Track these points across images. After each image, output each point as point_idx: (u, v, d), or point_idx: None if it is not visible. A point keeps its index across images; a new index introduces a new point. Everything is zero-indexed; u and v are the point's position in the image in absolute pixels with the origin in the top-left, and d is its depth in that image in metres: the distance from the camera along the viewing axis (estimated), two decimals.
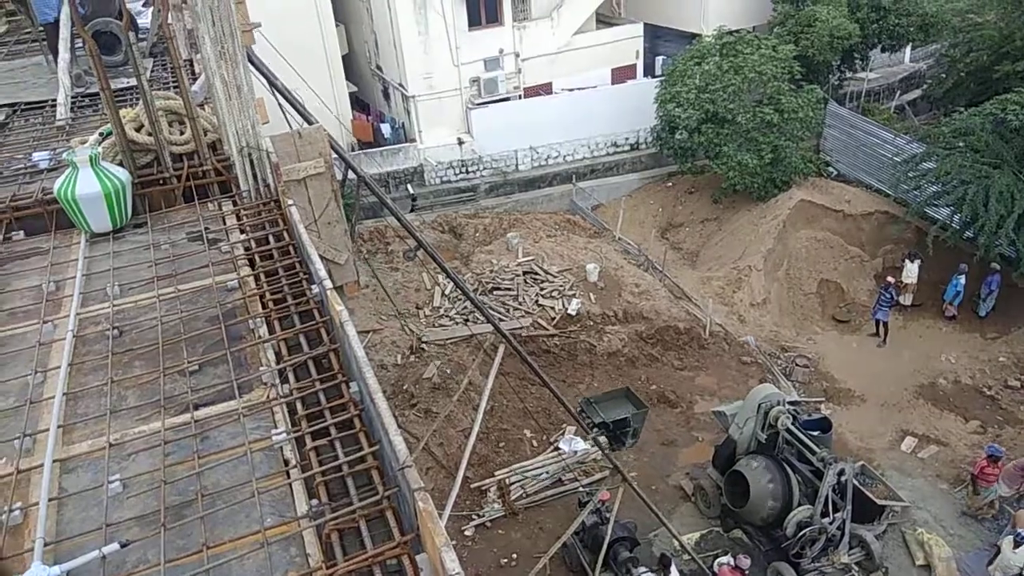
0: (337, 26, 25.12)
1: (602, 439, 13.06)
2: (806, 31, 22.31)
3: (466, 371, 15.74)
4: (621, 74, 26.47)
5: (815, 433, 12.01)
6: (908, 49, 27.49)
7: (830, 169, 22.71)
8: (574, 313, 17.53)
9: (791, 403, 12.41)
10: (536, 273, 18.79)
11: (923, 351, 17.56)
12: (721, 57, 21.54)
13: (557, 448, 14.57)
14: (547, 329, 17.25)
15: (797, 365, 16.85)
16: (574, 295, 17.95)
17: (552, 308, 17.70)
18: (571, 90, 25.45)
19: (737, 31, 22.67)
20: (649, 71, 27.10)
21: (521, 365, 14.42)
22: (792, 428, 11.78)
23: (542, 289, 18.26)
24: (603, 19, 27.40)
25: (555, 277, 18.58)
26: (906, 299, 18.82)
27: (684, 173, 23.62)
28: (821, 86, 22.67)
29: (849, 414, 15.79)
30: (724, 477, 12.56)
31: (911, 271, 18.64)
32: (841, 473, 11.16)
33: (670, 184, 24.73)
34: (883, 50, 25.35)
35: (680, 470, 14.29)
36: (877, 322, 18.20)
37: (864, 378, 16.82)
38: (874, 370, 17.06)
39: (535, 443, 14.88)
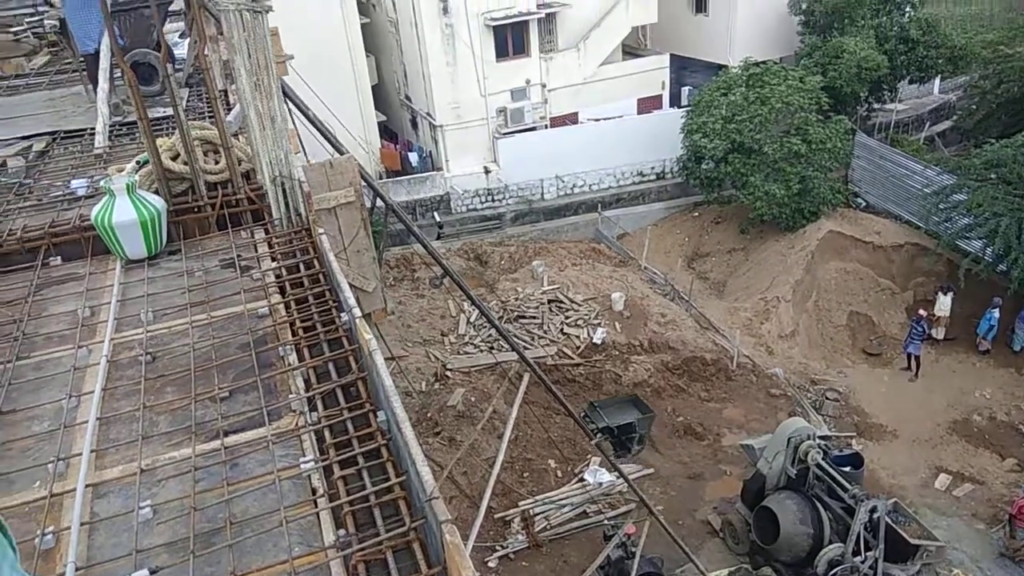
0: (367, 57, 25.58)
1: (607, 444, 12.77)
2: (833, 62, 22.30)
3: (491, 399, 15.68)
4: (647, 104, 26.60)
5: (846, 469, 11.77)
6: (937, 80, 27.35)
7: (859, 200, 22.53)
8: (599, 342, 17.44)
9: (821, 438, 12.19)
10: (561, 301, 18.77)
11: (956, 386, 17.19)
12: (747, 88, 21.57)
13: (582, 479, 14.40)
14: (572, 358, 17.17)
15: (827, 399, 16.57)
16: (599, 324, 17.88)
17: (577, 337, 17.64)
18: (597, 120, 25.61)
19: (763, 62, 22.71)
20: (675, 101, 27.21)
21: (546, 394, 14.34)
22: (823, 463, 11.55)
23: (567, 318, 18.22)
24: (629, 50, 27.63)
25: (580, 306, 18.53)
26: (938, 332, 18.49)
27: (710, 203, 23.57)
28: (849, 117, 22.60)
29: (881, 450, 15.46)
30: (753, 513, 12.32)
31: (944, 304, 18.33)
32: (873, 510, 10.90)
33: (696, 214, 24.67)
34: (911, 81, 25.26)
35: (708, 504, 14.04)
36: (909, 356, 17.87)
37: (896, 413, 16.49)
38: (906, 405, 16.72)
39: (560, 474, 14.73)
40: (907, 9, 24.32)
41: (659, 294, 20.00)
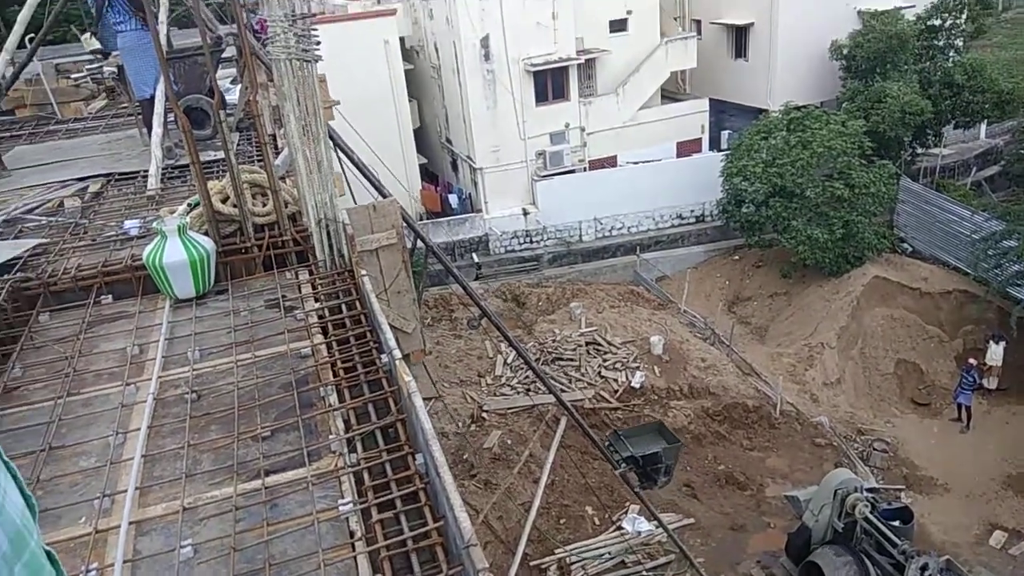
0: (410, 102, 26.16)
1: (632, 476, 12.37)
2: (876, 107, 22.14)
3: (527, 442, 15.54)
4: (686, 147, 26.66)
5: (895, 523, 11.35)
6: (983, 125, 26.93)
7: (905, 245, 22.13)
8: (638, 386, 17.24)
9: (869, 490, 11.81)
10: (599, 344, 18.64)
11: (1010, 438, 16.55)
12: (788, 132, 21.50)
13: (620, 528, 14.10)
14: (610, 402, 16.97)
15: (875, 449, 16.08)
16: (638, 367, 17.69)
17: (615, 380, 17.46)
18: (636, 163, 25.72)
19: (804, 106, 22.65)
20: (715, 145, 27.23)
21: (583, 438, 14.16)
22: (871, 517, 11.16)
23: (605, 360, 18.07)
24: (668, 95, 27.81)
25: (618, 349, 18.38)
26: (990, 382, 17.90)
27: (751, 246, 23.35)
28: (893, 162, 22.33)
29: (932, 504, 14.89)
30: (798, 568, 11.92)
31: (995, 353, 17.78)
32: (924, 568, 10.45)
33: (737, 257, 24.45)
34: (957, 126, 24.92)
35: (750, 557, 13.62)
36: (959, 406, 17.31)
37: (947, 466, 15.92)
38: (958, 457, 16.14)
39: (597, 521, 14.46)
40: (951, 54, 24.12)
41: (699, 338, 19.75)
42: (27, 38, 8.49)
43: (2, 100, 8.93)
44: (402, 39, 26.41)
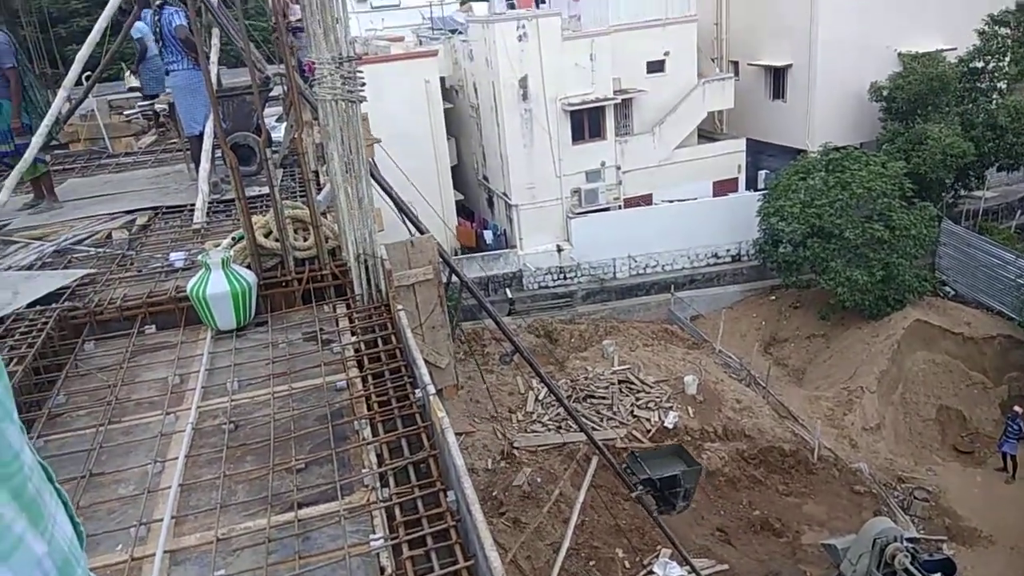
0: (448, 139, 26.58)
1: (649, 499, 12.01)
2: (917, 149, 21.92)
3: (557, 481, 15.38)
4: (723, 187, 26.60)
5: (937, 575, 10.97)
6: None
7: (947, 289, 21.70)
8: (671, 426, 17.01)
9: (910, 540, 11.45)
10: (632, 382, 18.48)
11: None
12: (827, 172, 21.36)
13: (651, 572, 13.83)
14: (642, 442, 16.76)
15: (916, 498, 15.61)
16: (671, 407, 17.48)
17: (648, 420, 17.26)
18: (671, 201, 25.71)
19: (843, 147, 22.50)
20: (751, 184, 27.13)
21: (615, 479, 13.99)
22: (911, 568, 10.80)
23: (638, 399, 17.90)
24: (705, 134, 27.86)
25: (651, 388, 18.20)
26: None
27: (789, 287, 23.08)
28: (934, 204, 22.01)
29: (975, 556, 14.37)
30: None
31: None
32: None
33: (774, 297, 24.17)
34: (1000, 169, 24.51)
35: None
36: (1004, 455, 16.76)
37: (991, 517, 15.37)
38: (1002, 508, 15.58)
39: (628, 564, 14.20)
40: (994, 96, 23.84)
41: (734, 379, 19.48)
42: (83, 75, 8.84)
43: (58, 134, 9.27)
44: (442, 79, 26.95)
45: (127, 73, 14.10)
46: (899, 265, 20.25)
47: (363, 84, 4.98)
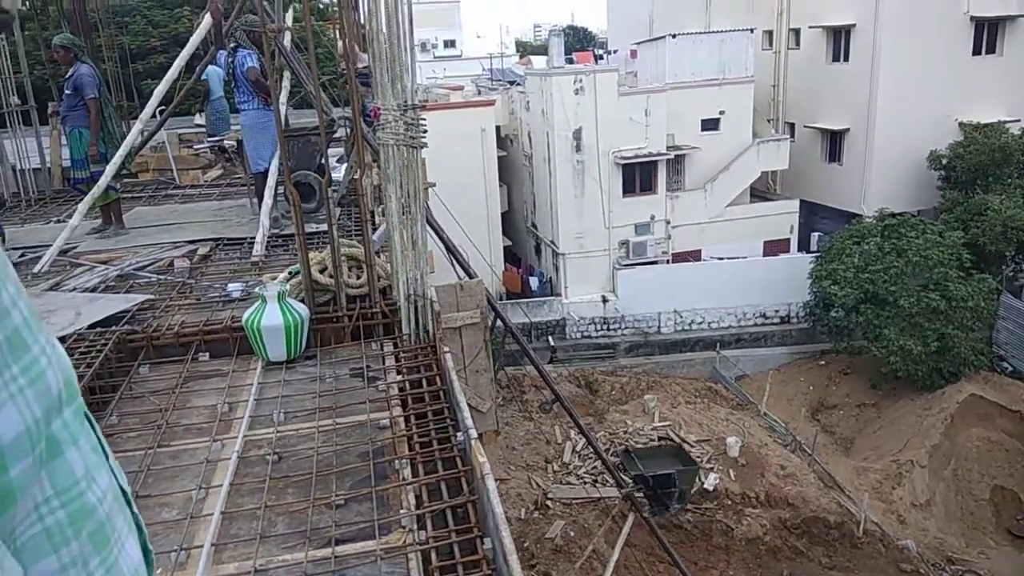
0: (500, 186, 26.96)
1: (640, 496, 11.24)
2: (976, 219, 21.47)
3: (591, 537, 15.07)
4: (774, 247, 26.33)
5: None
6: None
7: (1004, 364, 20.95)
8: (711, 488, 16.59)
9: None
10: (672, 440, 18.14)
11: None
12: (883, 238, 21.00)
13: None
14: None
15: None
16: (712, 469, 17.07)
17: None
18: (721, 258, 25.51)
19: (899, 214, 22.15)
20: (803, 246, 26.79)
21: (650, 538, 13.66)
22: None
23: None
24: (758, 193, 27.74)
25: (692, 447, 17.82)
26: None
27: (839, 352, 22.55)
28: (993, 276, 21.43)
29: None
30: None
31: None
32: None
33: (823, 362, 23.62)
34: None
35: None
36: None
37: None
38: None
39: None
40: None
41: (779, 444, 18.98)
42: (158, 109, 9.26)
43: (130, 164, 9.69)
44: (498, 128, 27.48)
45: (197, 115, 14.75)
46: (955, 337, 19.66)
47: (425, 131, 5.12)
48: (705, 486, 16.60)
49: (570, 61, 29.11)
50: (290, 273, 6.20)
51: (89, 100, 8.43)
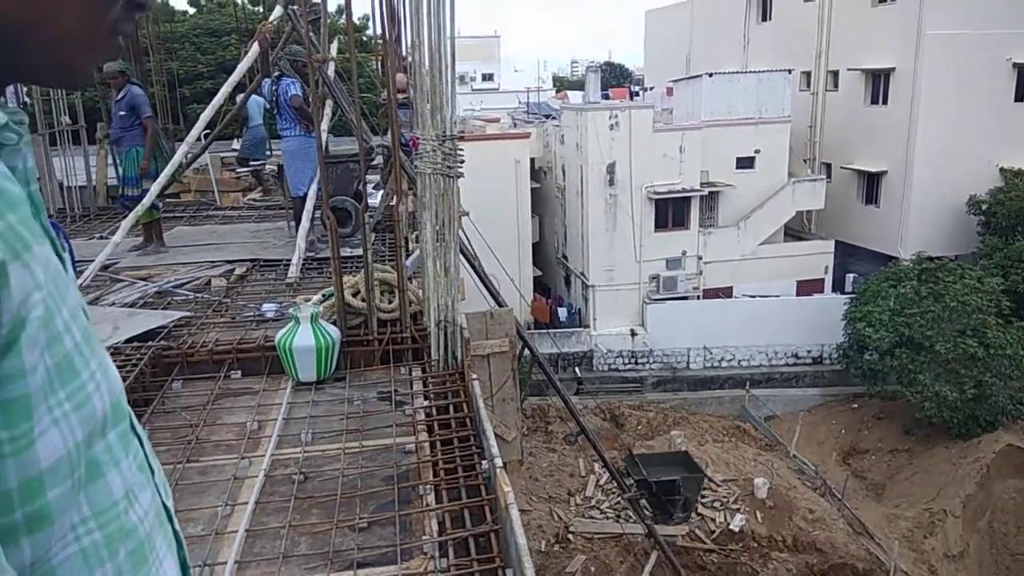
0: (533, 217, 27.13)
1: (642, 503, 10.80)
2: (1016, 266, 21.06)
3: (612, 573, 14.84)
4: (807, 287, 26.04)
5: None
6: None
7: None
8: (736, 530, 16.25)
9: None
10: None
11: None
12: (919, 282, 20.66)
13: None
14: (705, 543, 16.04)
15: None
16: (738, 509, 16.74)
17: (712, 520, 16.54)
18: (753, 296, 25.28)
19: (938, 258, 21.81)
20: (838, 287, 26.46)
21: None
22: None
23: (703, 497, 17.22)
24: (792, 232, 27.53)
25: (718, 486, 17.51)
26: None
27: (872, 396, 22.11)
28: None
29: None
30: None
31: None
32: None
33: (856, 406, 23.16)
34: None
35: None
36: None
37: None
38: None
39: None
40: None
41: (808, 487, 18.57)
42: (203, 132, 9.54)
43: (179, 177, 9.97)
44: (532, 160, 27.73)
45: (236, 137, 15.14)
46: (992, 385, 19.19)
47: (462, 161, 5.21)
48: (731, 527, 16.28)
49: (606, 97, 29.34)
50: (324, 296, 6.31)
51: (146, 119, 8.73)
